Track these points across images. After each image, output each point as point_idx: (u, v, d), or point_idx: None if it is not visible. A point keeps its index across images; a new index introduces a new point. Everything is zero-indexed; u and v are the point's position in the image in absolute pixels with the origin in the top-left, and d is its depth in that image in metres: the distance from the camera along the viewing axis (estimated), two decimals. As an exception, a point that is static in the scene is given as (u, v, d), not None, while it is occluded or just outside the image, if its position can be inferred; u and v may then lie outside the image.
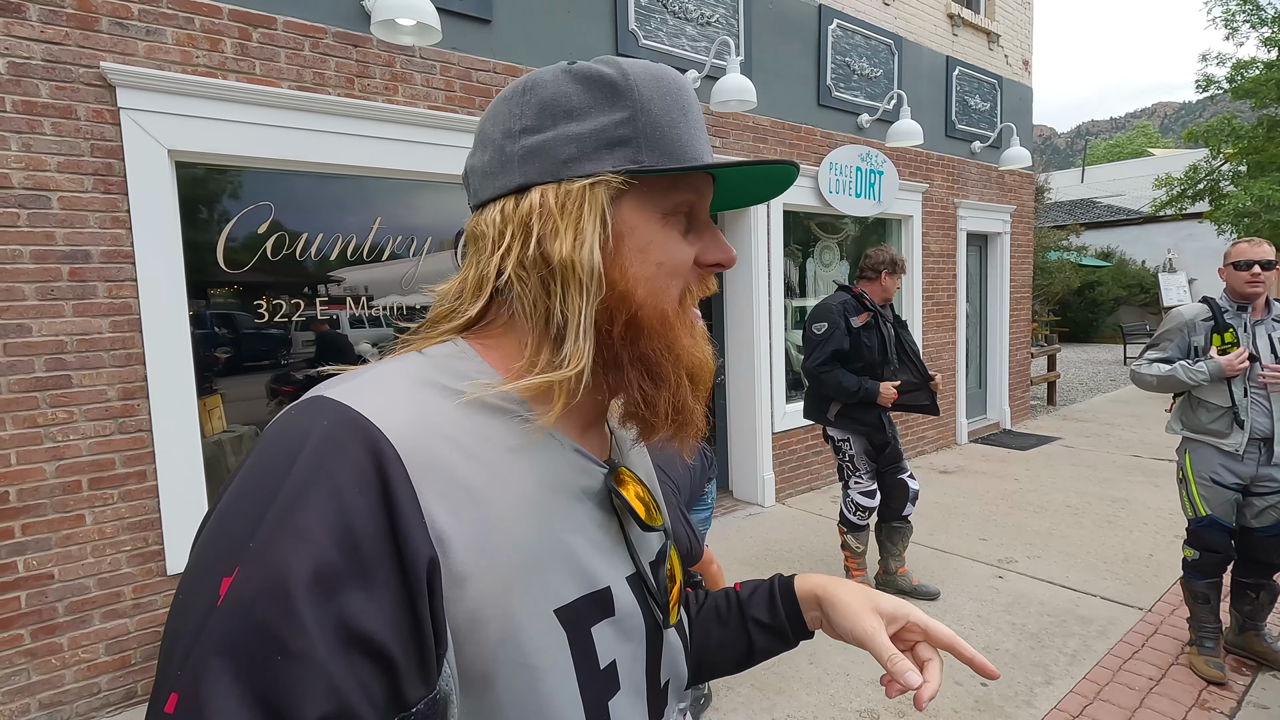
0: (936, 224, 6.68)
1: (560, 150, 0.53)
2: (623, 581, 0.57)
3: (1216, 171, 10.29)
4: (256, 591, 0.39)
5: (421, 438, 0.46)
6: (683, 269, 0.57)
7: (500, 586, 0.47)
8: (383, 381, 0.50)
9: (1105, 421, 8.06)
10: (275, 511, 0.41)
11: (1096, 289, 18.07)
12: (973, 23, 6.88)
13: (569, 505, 0.54)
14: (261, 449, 0.46)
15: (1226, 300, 2.80)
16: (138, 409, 2.73)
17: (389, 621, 0.41)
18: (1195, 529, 2.86)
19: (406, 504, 0.44)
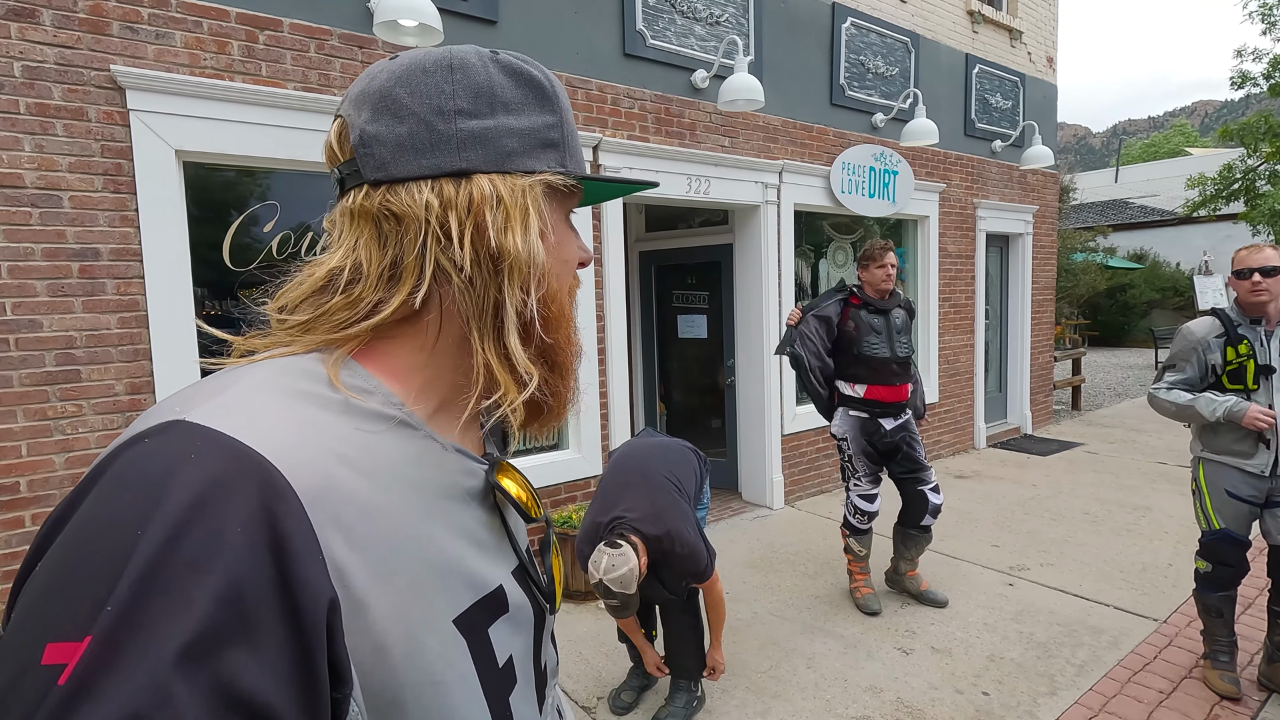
0: (954, 224, 6.57)
1: (504, 142, 0.52)
2: (510, 577, 0.57)
3: (1252, 171, 9.96)
4: (119, 659, 0.33)
5: (313, 461, 0.43)
6: (574, 265, 0.60)
7: (400, 606, 0.45)
8: (252, 397, 0.44)
9: (1132, 428, 7.85)
10: (140, 566, 0.34)
11: (1129, 291, 17.60)
12: (994, 19, 6.76)
13: (455, 509, 0.53)
14: (106, 489, 0.38)
15: (1237, 312, 2.65)
16: (144, 404, 2.80)
17: (274, 677, 0.37)
18: (1208, 541, 2.75)
19: (301, 544, 0.39)
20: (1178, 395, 2.68)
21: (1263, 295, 2.51)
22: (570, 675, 2.98)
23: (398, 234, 0.51)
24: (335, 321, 0.51)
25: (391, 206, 0.50)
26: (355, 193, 0.52)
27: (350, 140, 0.52)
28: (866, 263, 3.45)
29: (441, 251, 0.50)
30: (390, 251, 0.51)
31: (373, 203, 0.51)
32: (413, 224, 0.50)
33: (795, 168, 5.07)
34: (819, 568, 4.06)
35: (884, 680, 2.88)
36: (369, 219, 0.51)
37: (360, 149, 0.51)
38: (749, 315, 5.14)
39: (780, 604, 3.60)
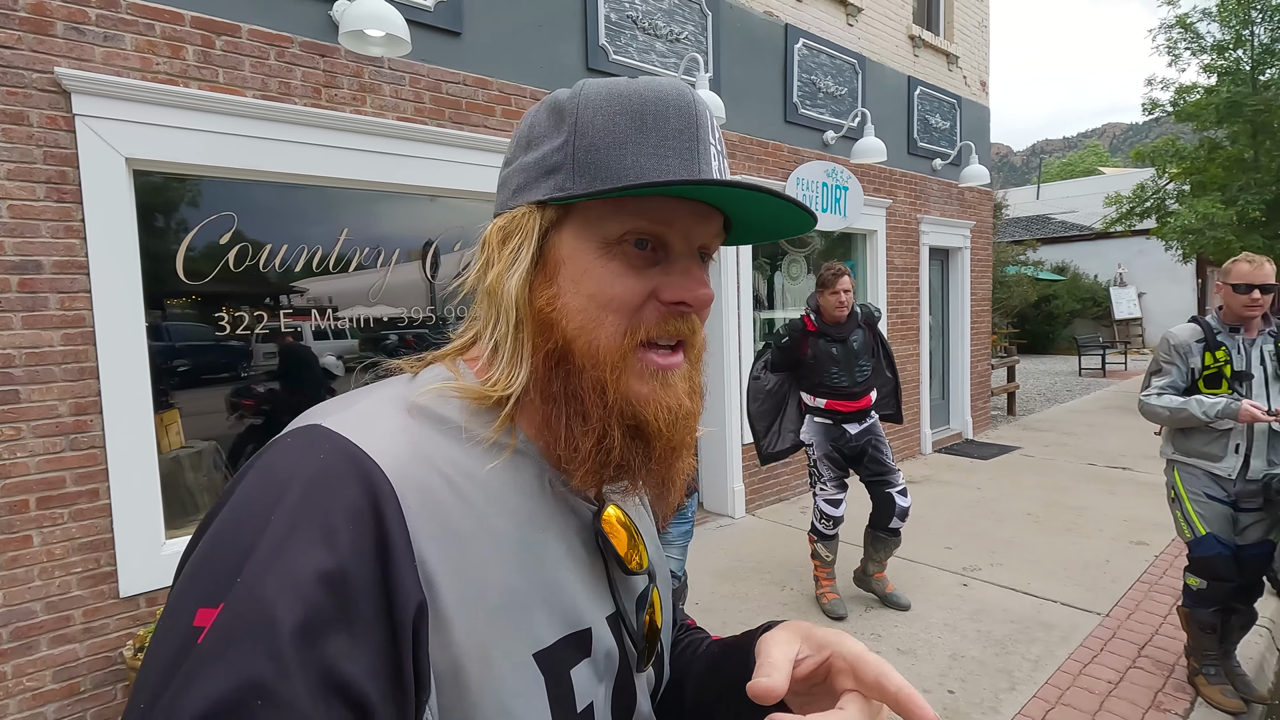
0: (900, 239, 6.84)
1: (512, 180, 0.55)
2: (603, 621, 0.56)
3: (1162, 190, 10.75)
4: (244, 630, 0.37)
5: (414, 472, 0.46)
6: (622, 303, 0.51)
7: (481, 630, 0.46)
8: (377, 409, 0.49)
9: (1063, 431, 8.30)
10: (265, 547, 0.39)
11: (1053, 302, 18.65)
12: (933, 44, 7.10)
13: (553, 544, 0.53)
14: (254, 477, 0.44)
15: (1217, 320, 2.75)
16: (90, 424, 2.63)
17: (371, 669, 0.40)
18: (1199, 554, 2.72)
19: (399, 545, 0.43)
20: (1169, 400, 2.71)
21: (1257, 310, 2.61)
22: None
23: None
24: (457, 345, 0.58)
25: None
26: None
27: None
28: (821, 289, 3.52)
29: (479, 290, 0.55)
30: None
31: None
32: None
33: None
34: (785, 575, 4.13)
35: (855, 683, 2.96)
36: None
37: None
38: (709, 327, 5.21)
39: (750, 613, 3.65)
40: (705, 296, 0.53)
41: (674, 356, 0.54)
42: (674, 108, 0.51)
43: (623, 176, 0.50)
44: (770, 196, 0.50)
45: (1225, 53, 9.59)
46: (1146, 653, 3.17)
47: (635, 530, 0.60)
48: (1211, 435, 2.70)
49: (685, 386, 0.54)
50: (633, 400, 0.51)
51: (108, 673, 2.68)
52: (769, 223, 0.57)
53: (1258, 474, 2.64)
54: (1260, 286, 2.58)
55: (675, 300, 0.52)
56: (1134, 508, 5.17)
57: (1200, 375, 2.73)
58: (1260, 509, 2.67)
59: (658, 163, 0.50)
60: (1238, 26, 9.43)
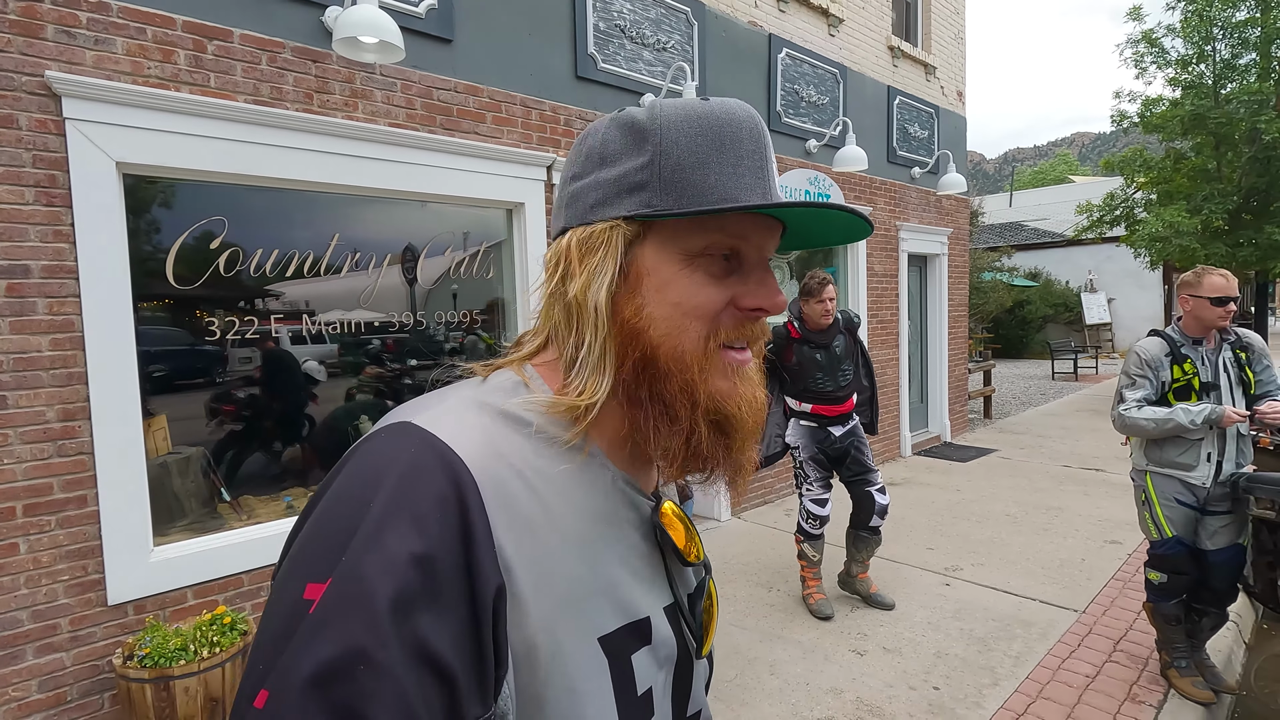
0: (880, 245, 6.97)
1: (589, 195, 0.57)
2: (660, 611, 0.59)
3: (1131, 199, 11.07)
4: (348, 604, 0.42)
5: (493, 467, 0.50)
6: (705, 310, 0.55)
7: (551, 615, 0.50)
8: (459, 409, 0.53)
9: (1038, 434, 8.49)
10: (365, 530, 0.44)
11: (1026, 308, 19.05)
12: (911, 55, 7.26)
13: (615, 535, 0.56)
14: (353, 468, 0.49)
15: (1179, 332, 2.81)
16: (79, 430, 2.61)
17: (455, 643, 0.44)
18: (1161, 553, 2.84)
19: (481, 532, 0.46)
20: (1152, 412, 2.74)
21: (1227, 320, 2.69)
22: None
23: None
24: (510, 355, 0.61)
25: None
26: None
27: None
28: (806, 298, 3.59)
29: (555, 301, 0.58)
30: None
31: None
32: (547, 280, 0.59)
33: (738, 190, 5.25)
34: (771, 577, 4.19)
35: (843, 682, 3.02)
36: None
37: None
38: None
39: (738, 614, 3.70)
40: (781, 303, 0.58)
41: (746, 354, 0.59)
42: (746, 129, 0.56)
43: (707, 194, 0.53)
44: (837, 211, 0.56)
45: (1189, 67, 9.92)
46: (1121, 647, 3.27)
47: (690, 524, 0.63)
48: (1184, 446, 2.78)
49: (758, 379, 0.60)
50: (717, 397, 0.56)
51: (94, 682, 2.65)
52: (827, 232, 0.63)
53: (1227, 476, 2.75)
54: (1234, 299, 2.67)
55: (755, 307, 0.57)
56: (1107, 508, 5.32)
57: (1170, 388, 2.80)
58: (1228, 511, 2.77)
59: (735, 181, 0.54)
60: (1200, 43, 9.76)
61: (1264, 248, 9.16)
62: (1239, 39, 9.55)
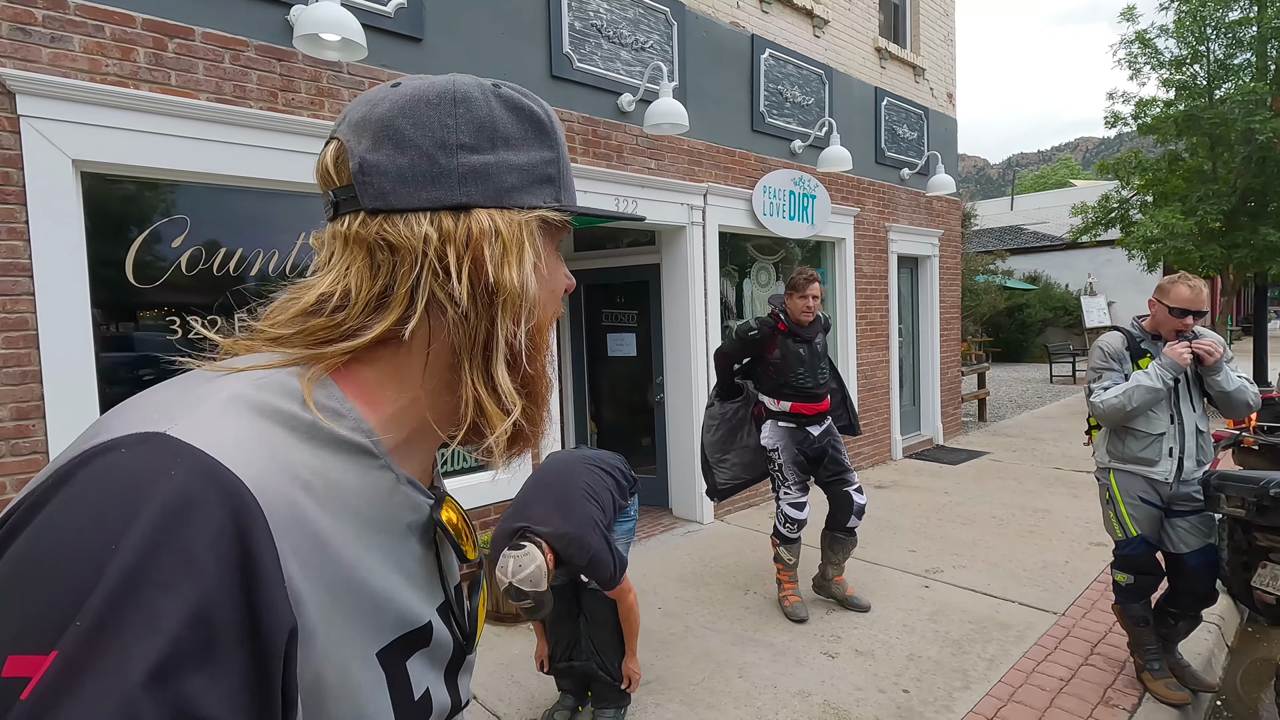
0: (869, 247, 6.93)
1: (504, 178, 0.54)
2: (434, 612, 0.57)
3: (1126, 202, 11.01)
4: (87, 684, 0.33)
5: (280, 486, 0.42)
6: (560, 294, 0.61)
7: (342, 637, 0.45)
8: (230, 412, 0.44)
9: (1031, 436, 8.42)
10: (113, 583, 0.34)
11: (1025, 311, 18.97)
12: (899, 57, 7.23)
13: (394, 543, 0.53)
14: (81, 494, 0.38)
15: (1139, 328, 2.83)
16: (33, 429, 2.59)
17: (231, 703, 0.37)
18: (1127, 553, 2.81)
19: (269, 570, 0.39)
20: (1117, 389, 2.72)
21: (1184, 331, 2.67)
22: (502, 698, 2.92)
23: (391, 263, 0.51)
24: (314, 339, 0.51)
25: (388, 236, 0.51)
26: (351, 219, 0.52)
27: (349, 166, 0.52)
28: (790, 292, 3.56)
29: (437, 284, 0.51)
30: (381, 280, 0.51)
31: (369, 231, 0.51)
32: (409, 255, 0.51)
33: (719, 190, 5.24)
34: (749, 579, 4.14)
35: (812, 685, 2.97)
36: (363, 246, 0.51)
37: (359, 177, 0.52)
38: (677, 334, 5.24)
39: (712, 616, 3.65)
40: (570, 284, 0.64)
41: None
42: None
43: (574, 196, 0.61)
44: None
45: (1183, 68, 9.87)
46: (1099, 650, 3.21)
47: (466, 517, 0.62)
48: (1146, 441, 2.76)
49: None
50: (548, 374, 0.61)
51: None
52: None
53: (1191, 475, 2.72)
54: (1194, 313, 2.65)
55: (571, 286, 0.63)
56: (1095, 510, 5.25)
57: None
58: (1195, 512, 2.73)
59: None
60: (1194, 43, 9.71)
61: (1260, 249, 9.08)
62: (1233, 39, 9.50)
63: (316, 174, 0.56)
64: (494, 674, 3.10)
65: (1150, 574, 2.80)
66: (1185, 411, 2.75)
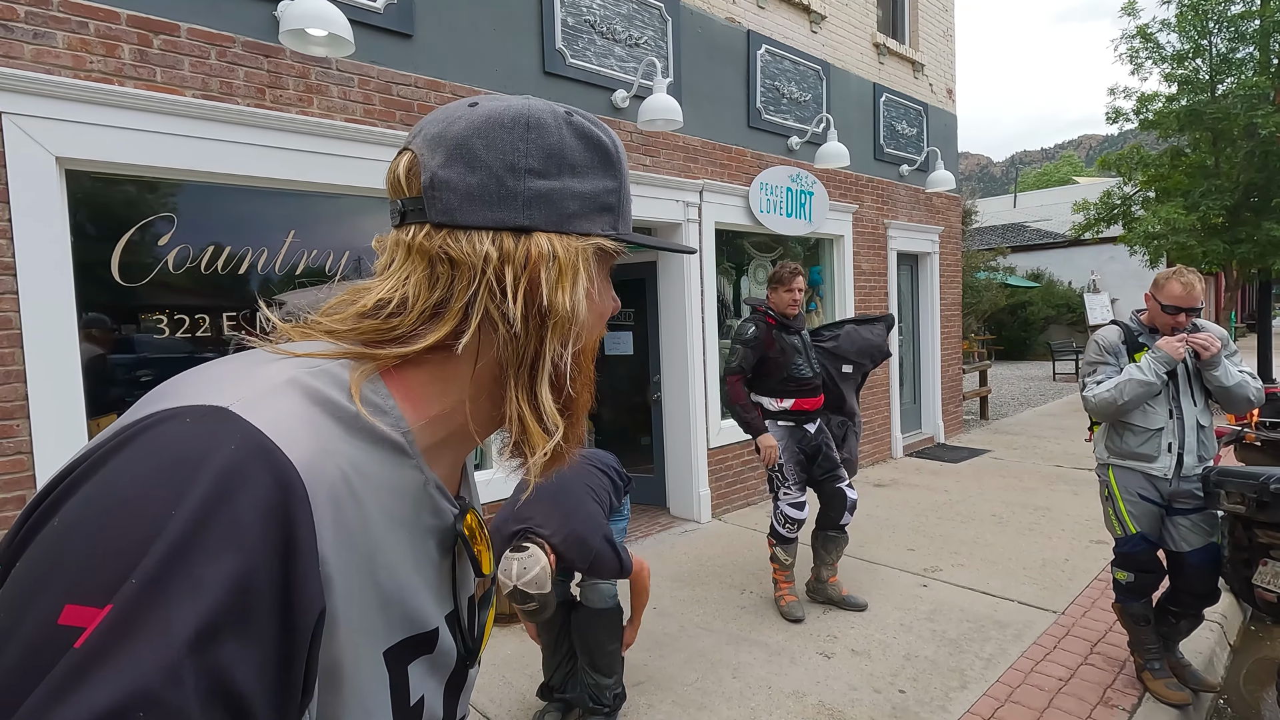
0: (867, 244, 6.89)
1: (566, 204, 0.55)
2: (443, 620, 0.58)
3: (1128, 198, 10.93)
4: (137, 637, 0.34)
5: (323, 468, 0.44)
6: (607, 317, 0.63)
7: (357, 630, 0.46)
8: (278, 393, 0.45)
9: (1033, 434, 8.37)
10: (166, 546, 0.36)
11: (1028, 309, 18.88)
12: (898, 52, 7.19)
13: (415, 544, 0.54)
14: (142, 458, 0.39)
15: (1137, 322, 2.80)
16: (17, 429, 2.56)
17: (260, 675, 0.38)
18: (1127, 550, 2.77)
19: (307, 549, 0.41)
20: (1110, 382, 2.68)
21: (1179, 329, 2.64)
22: (494, 699, 2.89)
23: (450, 277, 0.52)
24: (367, 339, 0.52)
25: (450, 251, 0.52)
26: (416, 229, 0.53)
27: (420, 179, 0.53)
28: (775, 285, 3.53)
29: (493, 301, 0.52)
30: (439, 292, 0.52)
31: (432, 244, 0.52)
32: (468, 271, 0.52)
33: (715, 187, 5.20)
34: (745, 579, 4.11)
35: (807, 685, 2.93)
36: (424, 258, 0.53)
37: (429, 191, 0.53)
38: (673, 332, 5.20)
39: (707, 616, 3.61)
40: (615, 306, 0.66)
41: None
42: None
43: (632, 225, 0.62)
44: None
45: (1184, 62, 9.79)
46: (1099, 649, 3.17)
47: (486, 535, 0.63)
48: (1144, 436, 2.71)
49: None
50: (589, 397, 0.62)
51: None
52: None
53: (1191, 470, 2.66)
54: (1188, 310, 2.61)
55: (616, 309, 0.65)
56: (1096, 508, 5.20)
57: None
58: (1195, 510, 2.68)
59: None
60: (1196, 37, 9.64)
61: (1263, 244, 9.00)
62: (1235, 32, 9.43)
63: (387, 182, 0.57)
64: (486, 674, 3.07)
65: (1151, 572, 2.75)
66: (1185, 406, 2.70)
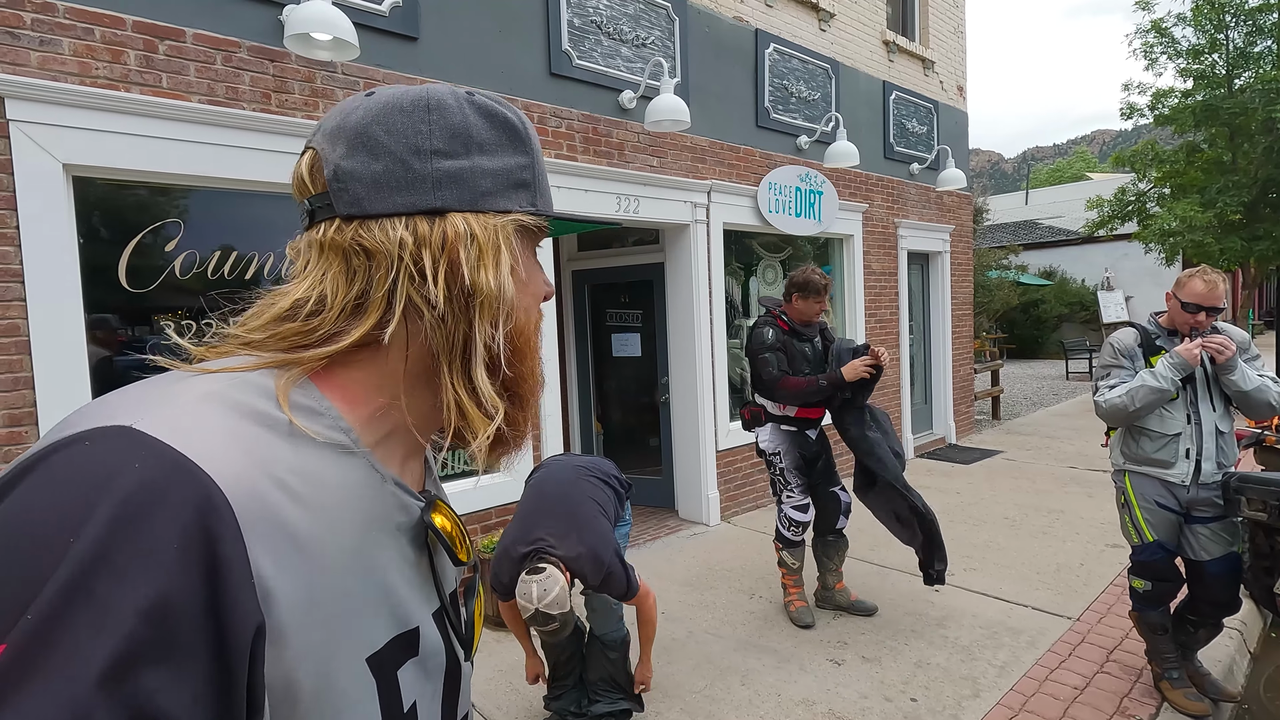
0: (877, 243, 6.83)
1: (479, 182, 0.54)
2: (429, 619, 0.57)
3: (1143, 194, 10.79)
4: (35, 677, 0.32)
5: (252, 481, 0.42)
6: (540, 299, 0.61)
7: (319, 641, 0.44)
8: (201, 409, 0.43)
9: (1046, 435, 8.27)
10: (68, 575, 0.34)
11: (1040, 307, 18.67)
12: (908, 50, 7.12)
13: (385, 543, 0.52)
14: (42, 485, 0.37)
15: (1155, 324, 2.74)
16: (25, 436, 2.57)
17: (194, 702, 0.36)
18: (1144, 559, 2.71)
19: (236, 567, 0.39)
20: (1123, 387, 2.63)
21: (1199, 329, 2.57)
22: (500, 706, 2.87)
23: (366, 268, 0.51)
24: (289, 344, 0.51)
25: (363, 242, 0.51)
26: (326, 226, 0.52)
27: (324, 174, 0.52)
28: (804, 293, 3.42)
29: (414, 287, 0.51)
30: (357, 285, 0.51)
31: (344, 237, 0.51)
32: (384, 260, 0.51)
33: (723, 187, 5.17)
34: (754, 583, 4.07)
35: (816, 693, 2.90)
36: (338, 252, 0.51)
37: (334, 184, 0.52)
38: (681, 333, 5.17)
39: (716, 621, 3.58)
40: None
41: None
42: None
43: (551, 202, 0.60)
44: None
45: (1201, 57, 9.65)
46: (1115, 657, 3.11)
47: (459, 521, 0.61)
48: (1160, 442, 2.65)
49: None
50: (540, 378, 0.60)
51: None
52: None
53: (1210, 477, 2.60)
54: (1208, 309, 2.55)
55: (548, 294, 0.62)
56: (1111, 511, 5.12)
57: None
58: (1216, 519, 2.62)
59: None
60: (1212, 31, 9.50)
61: (1282, 241, 8.88)
62: (1253, 25, 9.28)
63: (292, 184, 0.55)
64: (493, 681, 3.06)
65: (1169, 580, 2.69)
66: (1204, 411, 2.64)
